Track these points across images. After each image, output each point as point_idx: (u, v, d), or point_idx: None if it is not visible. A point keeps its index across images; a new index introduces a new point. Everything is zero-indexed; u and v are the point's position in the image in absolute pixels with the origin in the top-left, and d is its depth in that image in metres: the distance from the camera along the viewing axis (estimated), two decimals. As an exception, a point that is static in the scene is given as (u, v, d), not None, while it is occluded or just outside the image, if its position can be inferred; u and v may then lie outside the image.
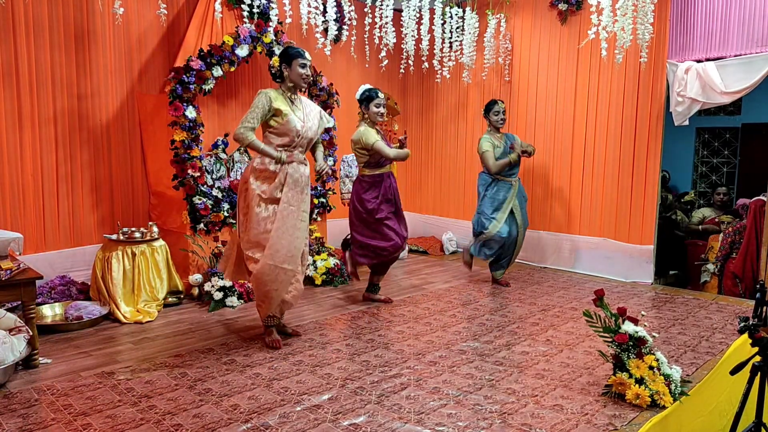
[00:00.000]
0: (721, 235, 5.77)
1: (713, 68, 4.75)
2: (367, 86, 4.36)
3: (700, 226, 6.52)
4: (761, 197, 5.26)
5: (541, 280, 5.47)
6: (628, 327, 2.87)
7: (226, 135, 5.07)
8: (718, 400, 3.03)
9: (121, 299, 4.04)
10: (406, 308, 4.45)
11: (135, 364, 3.22)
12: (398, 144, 4.30)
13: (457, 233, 6.86)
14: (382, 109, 4.30)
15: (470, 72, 6.30)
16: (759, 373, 2.12)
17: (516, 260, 6.30)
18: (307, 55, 3.61)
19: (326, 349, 3.51)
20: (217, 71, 4.55)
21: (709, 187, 7.55)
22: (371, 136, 4.23)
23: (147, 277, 4.17)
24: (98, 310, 3.95)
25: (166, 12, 3.89)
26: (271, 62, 3.63)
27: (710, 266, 5.74)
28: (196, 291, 4.54)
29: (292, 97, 3.58)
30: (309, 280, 5.14)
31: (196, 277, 4.48)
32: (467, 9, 5.94)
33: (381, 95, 4.29)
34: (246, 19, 4.83)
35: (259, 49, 4.85)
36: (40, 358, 3.21)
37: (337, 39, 6.14)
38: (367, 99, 4.29)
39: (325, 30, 5.35)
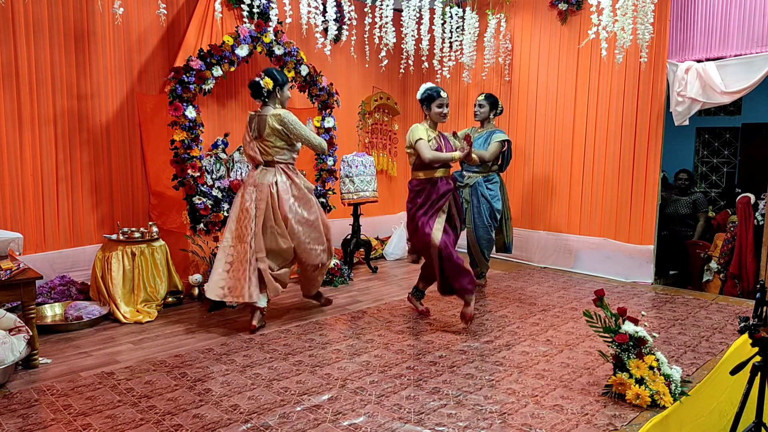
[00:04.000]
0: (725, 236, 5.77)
1: (713, 68, 4.75)
2: (429, 85, 4.04)
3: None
4: (747, 194, 5.28)
5: (541, 280, 5.46)
6: (628, 327, 2.87)
7: (226, 135, 5.07)
8: (718, 401, 3.03)
9: (121, 299, 4.04)
10: (406, 308, 4.45)
11: (135, 364, 3.22)
12: (463, 145, 3.92)
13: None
14: (445, 110, 3.98)
15: (470, 72, 6.31)
16: (759, 373, 2.12)
17: (514, 260, 6.31)
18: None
19: (326, 349, 3.51)
20: (217, 71, 4.54)
21: (710, 187, 7.55)
22: (418, 132, 3.92)
23: (147, 277, 4.17)
24: (98, 310, 3.95)
25: (165, 12, 3.89)
26: (262, 82, 3.83)
27: (713, 265, 5.73)
28: (196, 291, 4.54)
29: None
30: (309, 280, 5.14)
31: (196, 277, 4.48)
32: (467, 9, 5.94)
33: (444, 95, 3.97)
34: (246, 19, 4.83)
35: (259, 49, 4.85)
36: (40, 358, 3.21)
37: (337, 39, 6.14)
38: (428, 99, 3.97)
39: (325, 30, 5.34)
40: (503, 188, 5.06)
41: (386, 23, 5.02)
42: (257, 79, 3.83)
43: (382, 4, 5.01)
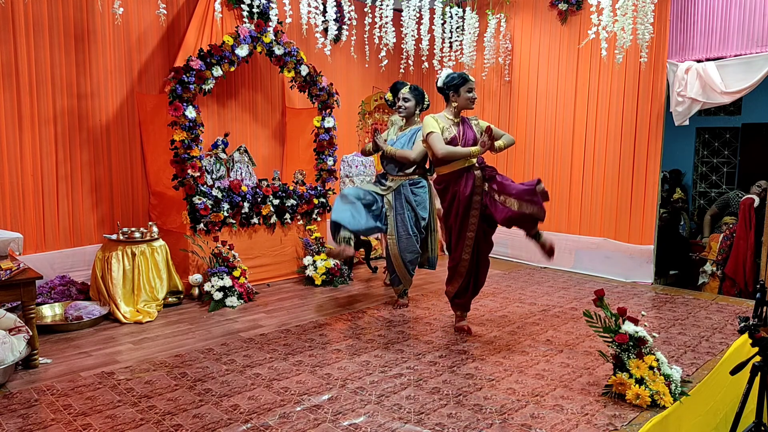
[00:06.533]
0: (721, 236, 5.78)
1: (713, 68, 4.76)
2: (450, 71, 3.72)
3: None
4: (751, 195, 5.29)
5: (541, 280, 5.46)
6: (628, 327, 2.87)
7: (226, 135, 5.07)
8: (715, 400, 3.04)
9: (121, 299, 4.04)
10: (406, 308, 4.45)
11: (135, 364, 3.22)
12: (484, 138, 3.49)
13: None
14: (474, 94, 3.67)
15: (470, 72, 6.30)
16: (759, 373, 2.12)
17: (514, 260, 6.31)
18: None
19: (326, 349, 3.51)
20: (217, 71, 4.54)
21: (710, 187, 7.55)
22: (429, 124, 3.61)
23: (147, 277, 4.17)
24: (98, 310, 3.95)
25: (165, 12, 3.89)
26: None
27: (707, 267, 5.73)
28: (196, 291, 4.54)
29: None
30: (309, 280, 5.15)
31: (196, 277, 4.48)
32: (467, 9, 5.94)
33: (471, 77, 3.66)
34: (246, 19, 4.83)
35: (259, 49, 4.85)
36: (40, 358, 3.21)
37: (337, 39, 6.14)
38: (454, 85, 3.64)
39: (325, 30, 5.35)
40: (431, 194, 4.39)
41: (386, 23, 5.03)
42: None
43: (382, 4, 5.01)
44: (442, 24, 5.64)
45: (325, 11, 4.84)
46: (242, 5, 4.79)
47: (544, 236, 3.65)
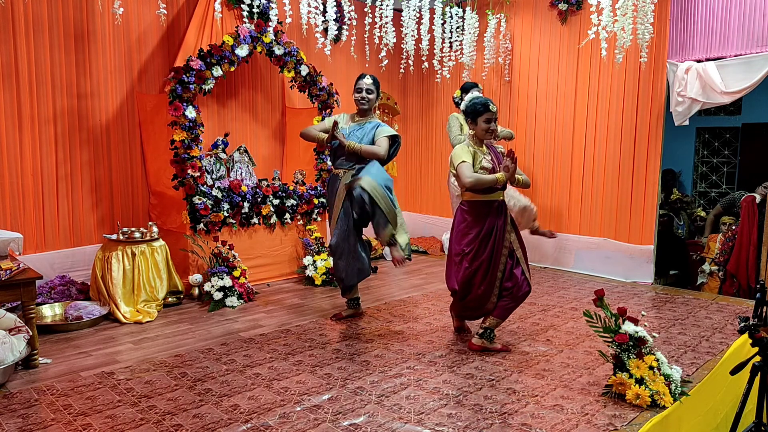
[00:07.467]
0: (720, 236, 5.78)
1: (713, 68, 4.76)
2: (476, 95, 3.51)
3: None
4: (752, 194, 5.30)
5: (541, 280, 5.46)
6: (628, 327, 2.87)
7: (226, 135, 5.07)
8: (715, 400, 3.04)
9: (121, 299, 4.04)
10: (406, 308, 4.45)
11: (135, 364, 3.22)
12: (507, 162, 3.29)
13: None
14: (493, 125, 3.40)
15: (470, 72, 6.30)
16: (759, 373, 2.12)
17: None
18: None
19: (326, 349, 3.51)
20: (217, 71, 4.54)
21: (710, 187, 7.55)
22: (460, 155, 3.39)
23: (147, 277, 4.17)
24: (98, 310, 3.95)
25: (165, 12, 3.89)
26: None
27: (706, 267, 5.74)
28: (196, 291, 4.54)
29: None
30: (309, 280, 5.15)
31: (196, 277, 4.48)
32: (467, 9, 5.94)
33: (493, 108, 3.38)
34: (246, 19, 4.83)
35: (259, 49, 4.85)
36: (40, 358, 3.21)
37: (337, 39, 6.14)
38: (473, 113, 3.40)
39: (325, 30, 5.35)
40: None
41: (386, 23, 5.03)
42: None
43: (382, 4, 5.01)
44: (442, 24, 5.64)
45: (325, 11, 4.84)
46: (242, 5, 4.79)
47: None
